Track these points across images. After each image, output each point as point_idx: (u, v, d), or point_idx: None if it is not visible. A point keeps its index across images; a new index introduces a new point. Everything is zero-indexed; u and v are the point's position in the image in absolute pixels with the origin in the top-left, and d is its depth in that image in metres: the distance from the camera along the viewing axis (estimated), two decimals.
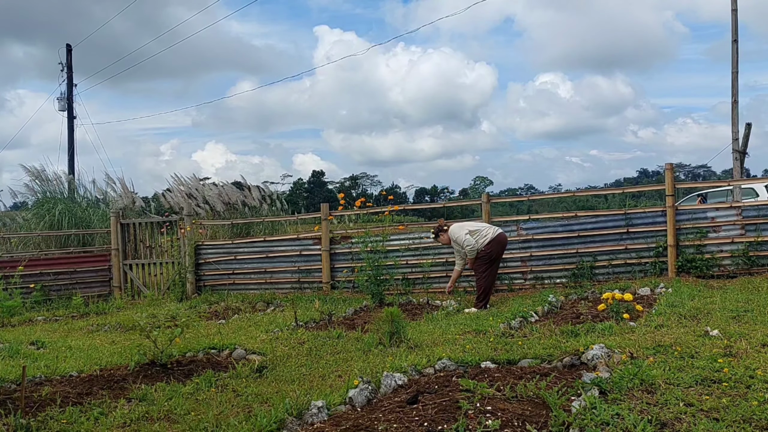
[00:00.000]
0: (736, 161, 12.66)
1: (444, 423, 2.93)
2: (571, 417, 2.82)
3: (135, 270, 12.06)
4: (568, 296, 7.59)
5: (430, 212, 28.41)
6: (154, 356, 4.88)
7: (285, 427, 3.10)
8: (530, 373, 3.68)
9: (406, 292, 9.00)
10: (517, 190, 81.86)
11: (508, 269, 9.07)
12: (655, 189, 11.04)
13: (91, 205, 15.11)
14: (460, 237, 7.57)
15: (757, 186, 13.02)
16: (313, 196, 65.97)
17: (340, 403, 3.40)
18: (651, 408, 2.97)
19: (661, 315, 5.36)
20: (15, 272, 10.73)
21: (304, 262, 10.36)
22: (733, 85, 12.73)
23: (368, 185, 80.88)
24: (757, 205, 8.44)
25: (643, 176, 75.47)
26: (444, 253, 9.33)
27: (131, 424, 3.47)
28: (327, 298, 9.00)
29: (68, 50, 23.96)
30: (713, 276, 7.89)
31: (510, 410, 3.02)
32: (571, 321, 5.71)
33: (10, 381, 4.47)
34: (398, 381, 3.75)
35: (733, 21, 12.76)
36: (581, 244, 8.71)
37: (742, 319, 5.06)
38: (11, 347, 5.88)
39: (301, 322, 6.83)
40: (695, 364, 3.68)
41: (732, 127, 12.77)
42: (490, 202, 9.24)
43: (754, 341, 4.19)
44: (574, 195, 30.46)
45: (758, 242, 7.85)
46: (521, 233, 9.03)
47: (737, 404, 2.98)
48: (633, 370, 3.48)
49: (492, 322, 5.82)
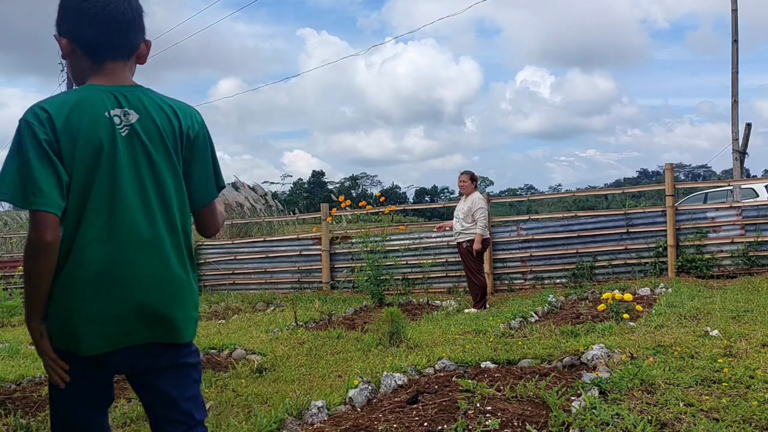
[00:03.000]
0: (736, 161, 12.67)
1: (444, 423, 2.93)
2: (571, 417, 2.82)
3: None
4: (568, 296, 7.59)
5: (430, 212, 28.43)
6: None
7: (285, 427, 3.10)
8: (530, 373, 3.68)
9: (406, 292, 8.99)
10: (516, 190, 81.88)
11: (508, 269, 9.07)
12: (655, 189, 11.05)
13: None
14: (481, 203, 7.37)
15: (757, 186, 13.02)
16: (313, 196, 65.95)
17: (340, 403, 3.40)
18: (651, 408, 2.97)
19: (661, 315, 5.36)
20: (15, 272, 10.74)
21: (304, 262, 10.36)
22: (733, 85, 12.75)
23: (368, 185, 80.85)
24: (757, 205, 8.45)
25: (643, 176, 75.48)
26: (444, 253, 9.34)
27: (131, 423, 3.47)
28: (327, 298, 9.01)
29: None
30: (713, 276, 7.89)
31: (510, 410, 3.02)
32: (571, 321, 5.71)
33: (10, 381, 4.47)
34: (398, 381, 3.75)
35: (733, 21, 12.78)
36: (581, 244, 8.71)
37: (742, 319, 5.06)
38: (11, 347, 5.88)
39: (301, 322, 6.83)
40: (695, 364, 3.68)
41: (732, 127, 12.79)
42: (490, 202, 9.25)
43: (754, 341, 4.19)
44: (574, 195, 30.48)
45: (758, 242, 7.85)
46: (521, 233, 9.03)
47: (737, 404, 2.98)
48: (633, 370, 3.48)
49: (492, 322, 5.82)
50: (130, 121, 1.62)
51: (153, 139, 1.64)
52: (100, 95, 1.62)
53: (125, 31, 1.69)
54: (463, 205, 7.51)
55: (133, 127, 1.62)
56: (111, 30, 1.66)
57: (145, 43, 1.77)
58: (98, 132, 1.58)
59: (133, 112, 1.63)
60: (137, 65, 1.78)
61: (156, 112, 1.66)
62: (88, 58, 1.68)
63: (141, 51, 1.76)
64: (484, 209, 7.35)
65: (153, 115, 1.65)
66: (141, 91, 1.70)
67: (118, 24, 1.66)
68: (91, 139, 1.57)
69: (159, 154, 1.65)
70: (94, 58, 1.68)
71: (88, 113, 1.58)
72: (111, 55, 1.68)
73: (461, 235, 7.46)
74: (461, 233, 7.46)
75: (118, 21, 1.66)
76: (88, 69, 1.69)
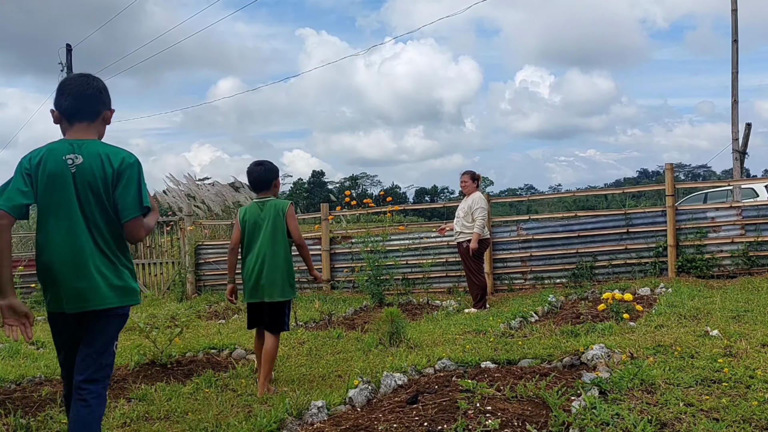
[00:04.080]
0: (736, 161, 12.67)
1: (444, 423, 2.93)
2: (571, 417, 2.82)
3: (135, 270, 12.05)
4: (568, 296, 7.59)
5: (430, 212, 28.43)
6: (153, 356, 4.88)
7: (285, 427, 3.10)
8: (530, 373, 3.67)
9: (406, 292, 8.99)
10: (516, 190, 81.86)
11: (508, 269, 9.07)
12: (655, 189, 11.05)
13: None
14: (481, 202, 7.35)
15: (757, 186, 13.01)
16: (313, 196, 65.95)
17: (340, 403, 3.40)
18: (651, 408, 2.97)
19: (661, 315, 5.36)
20: (15, 272, 10.74)
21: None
22: (733, 85, 12.74)
23: (368, 185, 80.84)
24: (757, 205, 8.44)
25: (643, 176, 75.45)
26: (444, 253, 9.34)
27: (131, 423, 3.47)
28: (327, 298, 9.00)
29: (68, 50, 23.96)
30: (713, 276, 7.89)
31: (510, 410, 3.02)
32: (571, 321, 5.71)
33: (10, 381, 4.47)
34: (398, 381, 3.75)
35: (733, 21, 12.77)
36: (581, 244, 8.70)
37: (742, 319, 5.06)
38: (11, 347, 5.88)
39: (301, 322, 6.84)
40: (695, 364, 3.68)
41: (732, 127, 12.78)
42: (491, 203, 9.24)
43: (754, 341, 4.19)
44: (574, 195, 30.47)
45: (758, 242, 7.84)
46: (521, 233, 9.03)
47: (737, 404, 2.98)
48: (633, 370, 3.47)
49: (492, 322, 5.82)
50: (76, 163, 2.50)
51: (89, 173, 2.50)
52: (64, 145, 2.54)
53: (87, 102, 2.59)
54: (464, 204, 7.51)
55: (78, 166, 2.50)
56: (78, 102, 2.57)
57: (109, 110, 2.67)
58: (56, 168, 2.49)
59: (80, 156, 2.51)
60: (106, 125, 2.68)
61: (94, 157, 2.52)
62: (65, 121, 2.59)
63: (105, 116, 2.66)
64: (483, 209, 7.34)
65: (91, 159, 2.52)
66: (92, 142, 2.57)
67: (82, 98, 2.57)
68: (50, 171, 2.49)
69: (92, 184, 2.51)
70: (69, 120, 2.59)
71: (53, 157, 2.51)
72: (77, 119, 2.59)
73: (461, 235, 7.46)
74: (461, 233, 7.46)
75: (83, 96, 2.57)
76: (66, 128, 2.60)
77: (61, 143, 2.55)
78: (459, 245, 7.55)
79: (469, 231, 7.35)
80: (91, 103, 2.59)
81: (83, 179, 2.49)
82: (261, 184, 4.13)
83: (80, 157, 2.50)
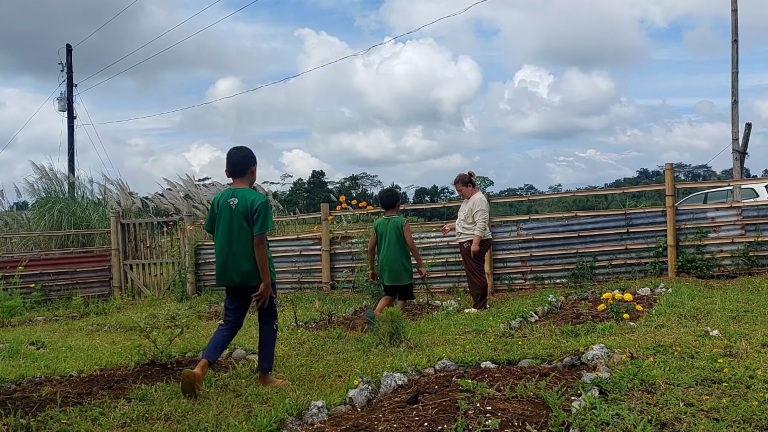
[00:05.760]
0: (736, 161, 12.66)
1: (444, 423, 2.93)
2: (571, 417, 2.82)
3: (135, 270, 12.06)
4: (568, 296, 7.59)
5: (430, 212, 28.41)
6: (154, 356, 4.88)
7: (285, 427, 3.11)
8: (530, 373, 3.67)
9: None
10: (516, 190, 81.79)
11: (508, 269, 9.07)
12: (655, 189, 11.05)
13: (91, 205, 15.10)
14: (482, 204, 7.32)
15: (757, 186, 13.01)
16: (313, 196, 65.92)
17: (340, 403, 3.40)
18: (651, 408, 2.97)
19: (661, 315, 5.36)
20: (15, 272, 10.74)
21: (304, 262, 10.36)
22: (733, 86, 12.73)
23: (368, 185, 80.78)
24: (757, 205, 8.45)
25: (643, 176, 75.40)
26: (444, 253, 9.34)
27: (131, 424, 3.47)
28: (327, 298, 9.00)
29: (68, 50, 23.95)
30: (713, 276, 7.89)
31: (510, 410, 3.02)
32: (571, 321, 5.70)
33: (10, 381, 4.47)
34: (398, 381, 3.75)
35: (733, 21, 12.76)
36: (581, 244, 8.71)
37: (742, 319, 5.06)
38: (11, 347, 5.88)
39: (301, 322, 6.84)
40: (695, 364, 3.68)
41: (732, 127, 12.77)
42: (491, 203, 9.23)
43: (754, 341, 4.19)
44: (574, 195, 30.49)
45: (758, 242, 7.85)
46: (521, 233, 9.03)
47: (737, 404, 2.98)
48: (633, 370, 3.48)
49: (492, 322, 5.82)
50: (234, 204, 4.20)
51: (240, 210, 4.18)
52: (229, 192, 4.29)
53: (238, 166, 4.29)
54: (465, 206, 7.51)
55: (235, 205, 4.20)
56: (233, 166, 4.29)
57: (251, 168, 4.34)
58: (223, 205, 4.25)
59: (236, 199, 4.21)
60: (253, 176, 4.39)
61: (242, 200, 4.19)
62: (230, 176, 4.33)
63: (251, 169, 4.35)
64: (484, 211, 7.33)
65: (240, 201, 4.19)
66: (244, 191, 4.26)
67: (233, 163, 4.29)
68: (222, 207, 4.26)
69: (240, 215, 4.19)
70: (231, 176, 4.33)
71: (224, 198, 4.27)
72: (235, 176, 4.31)
73: (462, 236, 7.47)
74: (462, 234, 7.47)
75: (233, 161, 4.30)
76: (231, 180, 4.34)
77: (228, 190, 4.30)
78: (461, 245, 7.56)
79: (469, 233, 7.36)
80: (240, 165, 4.27)
81: (237, 212, 4.17)
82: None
83: (236, 200, 4.19)
